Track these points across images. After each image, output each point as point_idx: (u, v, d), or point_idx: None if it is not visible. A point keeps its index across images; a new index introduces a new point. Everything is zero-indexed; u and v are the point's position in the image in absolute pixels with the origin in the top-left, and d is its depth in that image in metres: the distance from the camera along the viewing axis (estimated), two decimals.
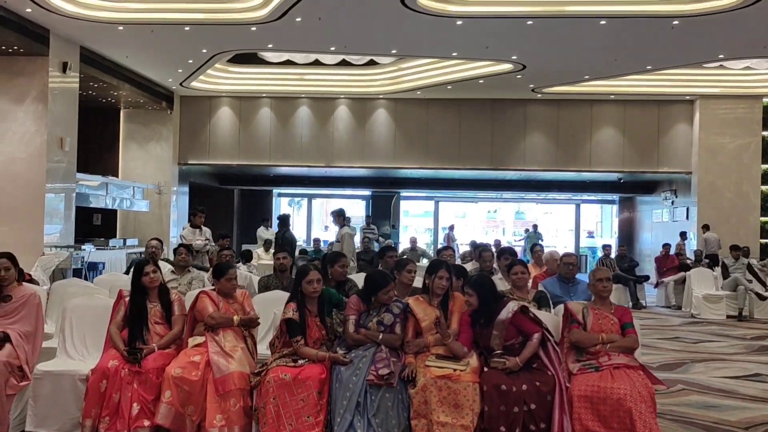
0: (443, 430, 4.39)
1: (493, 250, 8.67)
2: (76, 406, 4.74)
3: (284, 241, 11.88)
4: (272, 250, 13.70)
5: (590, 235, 25.05)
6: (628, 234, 21.79)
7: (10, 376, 4.74)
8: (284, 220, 12.59)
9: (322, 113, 17.49)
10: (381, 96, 17.21)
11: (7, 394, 4.71)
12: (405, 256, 8.77)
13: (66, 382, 4.80)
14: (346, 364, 4.63)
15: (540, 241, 17.37)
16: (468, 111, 17.29)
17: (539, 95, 16.72)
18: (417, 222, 24.67)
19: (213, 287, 5.27)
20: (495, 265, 7.61)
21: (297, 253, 12.91)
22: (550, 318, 5.07)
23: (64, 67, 12.29)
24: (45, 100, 11.98)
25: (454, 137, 17.37)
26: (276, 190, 22.96)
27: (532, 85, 15.84)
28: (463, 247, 18.56)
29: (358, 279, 6.16)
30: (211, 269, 6.53)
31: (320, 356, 4.70)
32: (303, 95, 17.38)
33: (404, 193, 22.21)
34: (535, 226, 21.41)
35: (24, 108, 11.99)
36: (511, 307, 4.72)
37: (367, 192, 22.62)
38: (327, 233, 19.56)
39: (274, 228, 14.77)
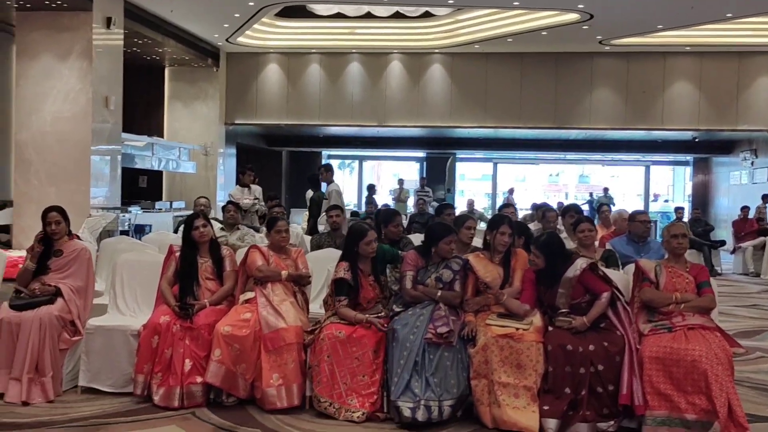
0: (505, 390, 4.41)
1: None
2: (128, 362, 4.90)
3: (313, 201, 11.91)
4: (323, 213, 13.83)
5: (656, 198, 24.52)
6: (702, 198, 21.29)
7: (62, 331, 4.94)
8: (314, 179, 12.64)
9: (373, 69, 17.43)
10: (437, 50, 17.04)
11: (60, 348, 4.92)
12: None
13: (118, 338, 4.97)
14: (384, 331, 4.68)
15: (611, 205, 17.06)
16: (530, 66, 16.99)
17: (607, 48, 16.33)
18: (474, 186, 24.52)
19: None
20: (559, 225, 7.54)
21: (348, 215, 12.97)
22: (620, 277, 5.02)
23: (108, 23, 12.48)
24: (89, 57, 12.20)
25: (515, 94, 17.12)
26: (326, 152, 23.06)
27: (599, 37, 15.47)
28: (523, 213, 18.41)
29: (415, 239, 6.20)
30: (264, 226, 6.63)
31: (358, 318, 4.75)
32: (354, 50, 17.32)
33: (460, 154, 22.07)
34: (605, 189, 21.03)
35: (68, 65, 12.24)
36: (580, 264, 4.68)
37: (421, 153, 22.54)
38: (381, 197, 19.55)
39: (322, 190, 14.92)
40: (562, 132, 18.14)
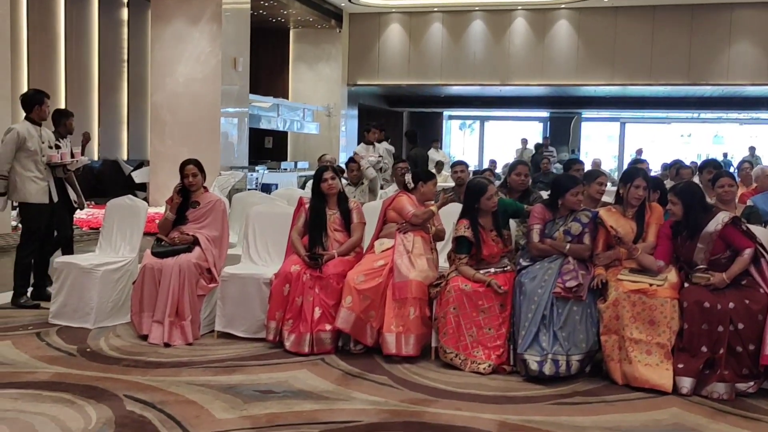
0: (636, 347, 4.31)
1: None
2: (260, 309, 5.10)
3: (410, 157, 11.85)
4: (444, 172, 13.83)
5: None
6: None
7: (200, 278, 5.20)
8: (412, 136, 12.55)
9: (497, 27, 17.11)
10: (563, 5, 16.52)
11: (197, 294, 5.18)
12: None
13: (251, 285, 5.17)
14: (501, 294, 4.64)
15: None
16: (663, 19, 16.19)
17: None
18: (599, 148, 23.78)
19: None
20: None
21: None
22: (764, 233, 4.77)
23: None
24: (219, 21, 12.61)
25: (646, 49, 16.38)
26: (446, 113, 22.97)
27: None
28: (653, 174, 17.70)
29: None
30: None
31: (477, 278, 4.72)
32: (476, 8, 17.05)
33: (586, 114, 21.46)
34: (752, 149, 19.85)
35: (199, 28, 12.69)
36: (721, 218, 4.47)
37: (544, 113, 22.07)
38: (504, 157, 19.29)
39: (445, 149, 14.94)
40: (695, 89, 17.27)
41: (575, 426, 3.72)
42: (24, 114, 6.10)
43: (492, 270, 4.82)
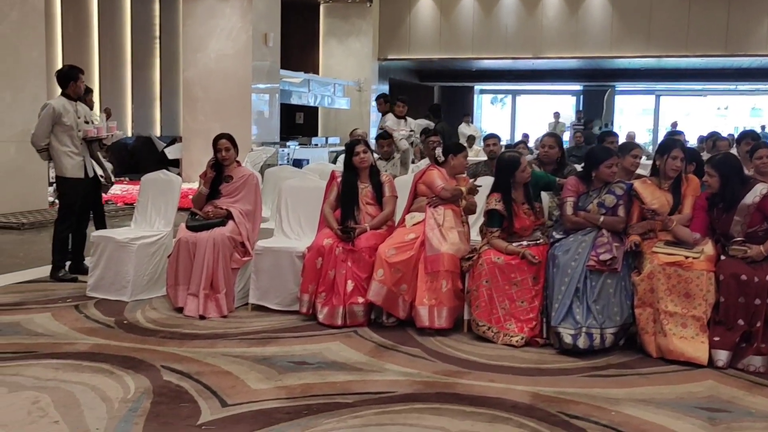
0: (671, 320, 4.28)
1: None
2: (293, 282, 5.15)
3: (437, 131, 11.73)
4: (475, 146, 13.77)
5: None
6: None
7: (234, 251, 5.26)
8: (436, 110, 12.42)
9: None
10: None
11: (231, 267, 5.24)
12: None
13: (284, 259, 5.22)
14: (534, 263, 4.62)
15: None
16: None
17: None
18: (633, 122, 23.45)
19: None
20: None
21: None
22: None
23: None
24: None
25: (682, 20, 16.08)
26: (478, 87, 22.80)
27: None
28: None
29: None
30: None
31: (510, 250, 4.71)
32: None
33: (620, 87, 21.14)
34: None
35: (230, 4, 12.72)
36: (759, 190, 4.39)
37: (577, 87, 21.81)
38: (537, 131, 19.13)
39: (476, 124, 14.81)
40: (733, 60, 16.93)
41: (609, 398, 3.72)
42: (59, 90, 6.17)
43: (524, 243, 4.80)
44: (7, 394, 3.57)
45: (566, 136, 17.88)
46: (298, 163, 13.91)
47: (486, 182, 5.51)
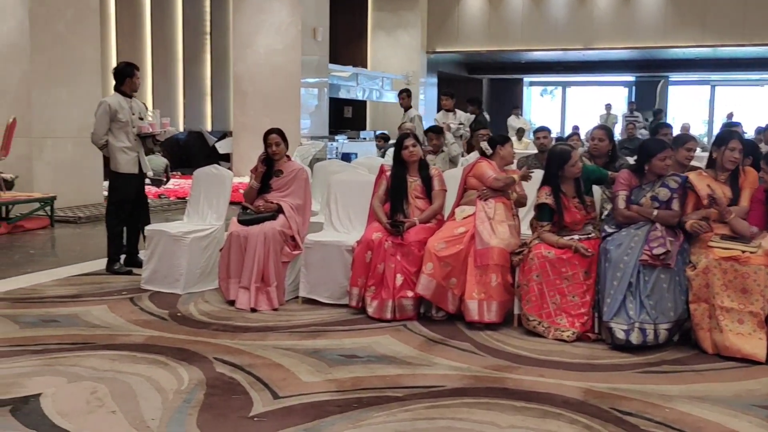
0: (727, 315, 4.19)
1: None
2: (343, 275, 5.18)
3: (478, 123, 11.61)
4: (525, 138, 13.66)
5: None
6: None
7: (284, 245, 5.31)
8: (478, 101, 12.28)
9: None
10: None
11: (282, 261, 5.30)
12: None
13: (334, 252, 5.25)
14: (587, 256, 4.57)
15: None
16: None
17: None
18: (687, 112, 22.95)
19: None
20: None
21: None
22: None
23: None
24: None
25: (738, 8, 15.68)
26: (527, 79, 22.58)
27: None
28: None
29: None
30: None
31: (561, 243, 4.67)
32: None
33: (673, 77, 20.71)
34: None
35: None
36: None
37: (629, 77, 21.45)
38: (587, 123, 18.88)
39: (526, 117, 14.69)
40: None
41: (663, 395, 3.66)
42: (113, 87, 6.29)
43: (576, 237, 4.75)
44: (67, 384, 3.67)
45: (618, 128, 17.64)
46: (346, 157, 13.99)
47: (536, 175, 5.47)
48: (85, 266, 6.43)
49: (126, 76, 6.17)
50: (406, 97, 10.54)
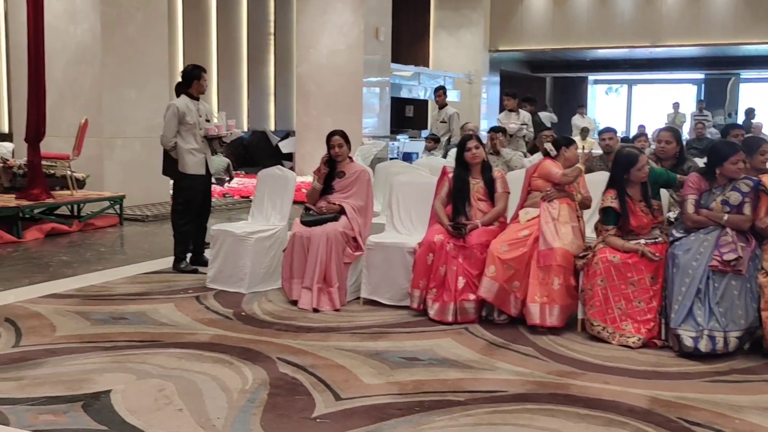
0: None
1: None
2: (404, 277, 5.19)
3: (534, 124, 11.39)
4: (589, 138, 13.45)
5: None
6: None
7: (346, 246, 5.35)
8: (533, 100, 12.06)
9: None
10: None
11: (344, 262, 5.34)
12: None
13: (395, 254, 5.27)
14: (655, 260, 4.48)
15: None
16: None
17: None
18: (760, 111, 22.23)
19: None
20: None
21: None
22: None
23: None
24: None
25: None
26: (591, 77, 22.24)
27: None
28: None
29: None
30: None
31: (627, 247, 4.58)
32: None
33: (745, 74, 20.11)
34: None
35: None
36: None
37: (698, 75, 20.91)
38: (654, 122, 18.46)
39: (591, 116, 14.45)
40: None
41: (732, 405, 3.57)
42: (174, 87, 6.41)
43: (642, 241, 4.66)
44: (136, 381, 3.77)
45: (686, 128, 17.22)
46: (407, 157, 14.00)
47: (601, 177, 5.39)
48: (153, 264, 6.60)
49: (194, 78, 6.29)
50: (442, 94, 10.44)
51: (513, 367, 4.09)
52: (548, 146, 5.32)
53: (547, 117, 10.33)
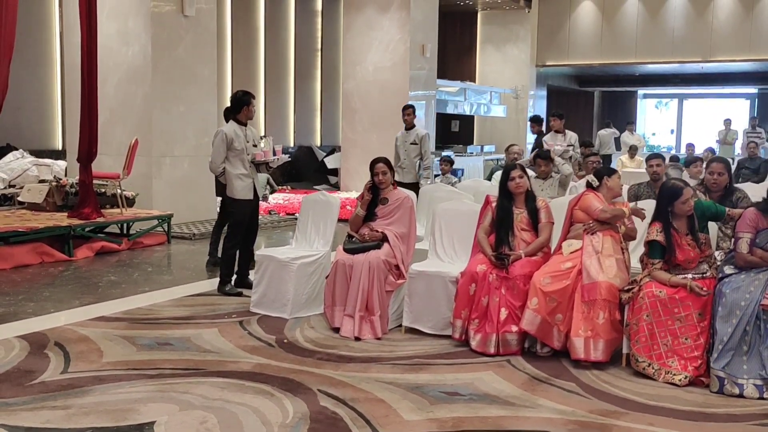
0: None
1: None
2: (447, 306, 5.17)
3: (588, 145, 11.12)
4: (638, 156, 13.25)
5: None
6: None
7: (388, 274, 5.36)
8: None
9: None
10: None
11: (386, 290, 5.34)
12: None
13: (437, 283, 5.25)
14: (703, 295, 4.37)
15: None
16: None
17: None
18: None
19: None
20: None
21: (668, 160, 12.23)
22: None
23: None
24: (407, 7, 12.80)
25: None
26: (641, 91, 21.94)
27: None
28: None
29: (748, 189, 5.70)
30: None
31: (674, 282, 4.49)
32: None
33: None
34: None
35: (389, 16, 12.96)
36: None
37: (751, 90, 20.47)
38: (704, 140, 18.12)
39: (640, 133, 14.21)
40: None
41: None
42: (228, 105, 6.49)
43: (689, 276, 4.56)
44: (178, 412, 3.82)
45: (738, 145, 16.85)
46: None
47: (648, 206, 5.31)
48: (198, 286, 6.69)
49: (243, 105, 6.37)
50: (411, 113, 9.30)
51: (555, 404, 4.04)
52: (590, 178, 5.25)
53: (609, 134, 10.18)
